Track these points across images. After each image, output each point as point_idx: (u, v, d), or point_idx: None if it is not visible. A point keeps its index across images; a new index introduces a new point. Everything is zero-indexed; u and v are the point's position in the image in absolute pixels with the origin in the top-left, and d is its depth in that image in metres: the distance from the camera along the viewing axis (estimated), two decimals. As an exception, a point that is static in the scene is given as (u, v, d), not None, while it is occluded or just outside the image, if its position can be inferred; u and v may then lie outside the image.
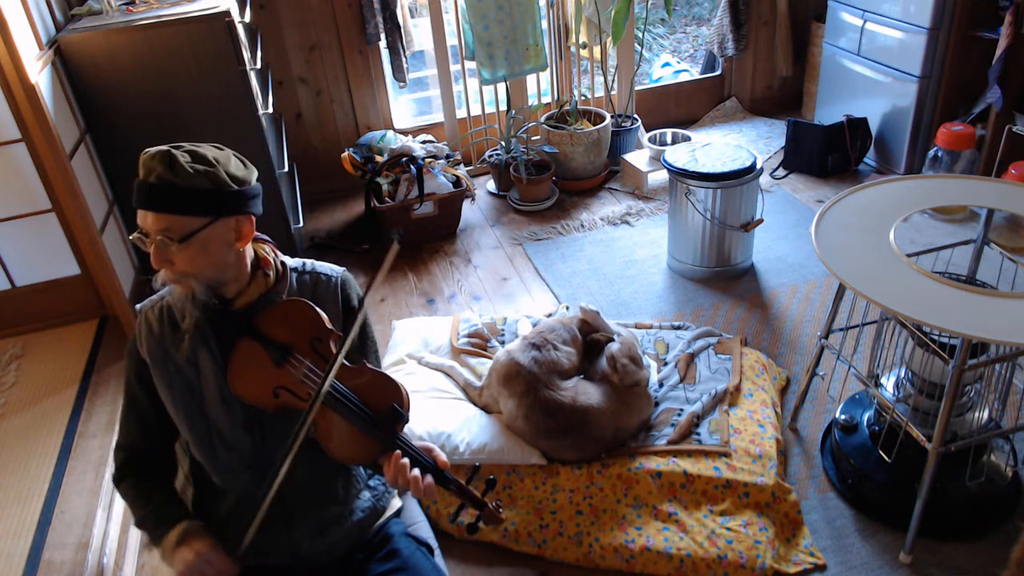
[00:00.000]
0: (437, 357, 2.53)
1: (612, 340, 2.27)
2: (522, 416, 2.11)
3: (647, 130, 4.21)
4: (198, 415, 1.36)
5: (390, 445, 1.31)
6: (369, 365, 1.41)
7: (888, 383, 2.07)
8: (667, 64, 5.12)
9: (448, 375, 2.45)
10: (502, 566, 2.01)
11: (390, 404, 1.33)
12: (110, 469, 2.07)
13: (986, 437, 1.91)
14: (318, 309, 1.36)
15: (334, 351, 1.34)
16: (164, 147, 1.25)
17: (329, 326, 1.36)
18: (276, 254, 1.42)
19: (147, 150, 1.25)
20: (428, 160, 3.53)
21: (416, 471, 1.29)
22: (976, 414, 1.94)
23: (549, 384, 2.11)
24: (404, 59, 3.80)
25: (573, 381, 2.17)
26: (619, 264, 3.25)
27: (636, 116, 4.13)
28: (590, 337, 2.30)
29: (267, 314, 1.34)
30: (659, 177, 3.81)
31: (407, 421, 1.34)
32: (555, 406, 2.08)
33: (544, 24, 3.88)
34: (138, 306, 1.41)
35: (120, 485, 1.42)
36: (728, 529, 1.96)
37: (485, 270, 3.31)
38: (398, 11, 3.69)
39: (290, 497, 1.37)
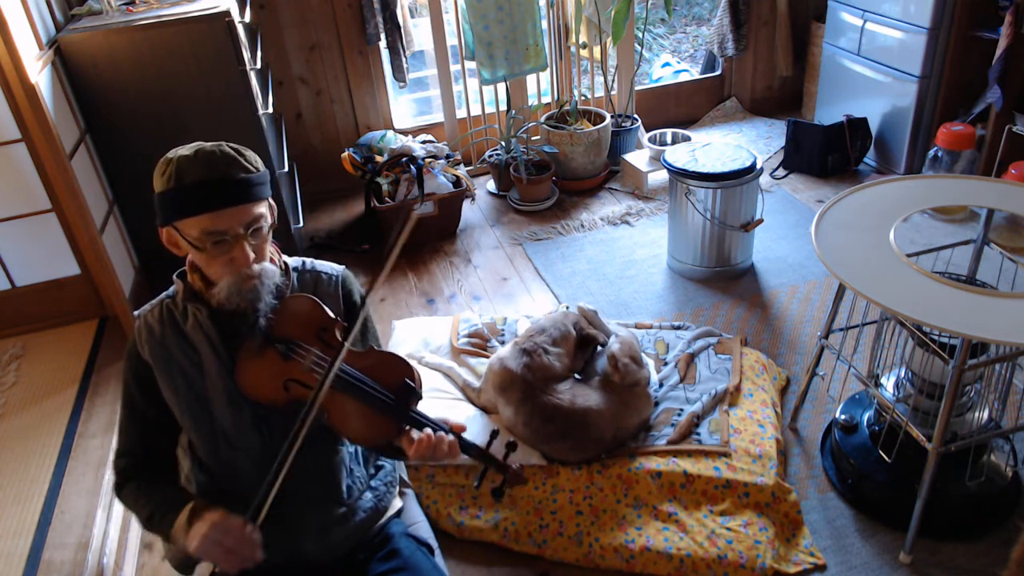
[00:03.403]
0: (437, 357, 2.53)
1: (608, 339, 2.27)
2: (522, 423, 2.11)
3: (647, 130, 4.21)
4: (204, 416, 1.35)
5: (408, 421, 1.32)
6: (375, 348, 1.41)
7: (888, 383, 2.07)
8: (667, 64, 5.12)
9: (447, 375, 2.45)
10: (502, 566, 2.01)
11: (402, 380, 1.33)
12: (111, 475, 2.07)
13: (986, 437, 1.91)
14: (319, 301, 1.37)
15: (340, 339, 1.35)
16: (204, 147, 1.24)
17: (332, 315, 1.37)
18: (279, 252, 1.43)
19: (180, 153, 1.23)
20: (428, 160, 3.53)
21: (440, 433, 1.30)
22: (976, 414, 1.94)
23: (545, 389, 2.11)
24: (404, 59, 3.80)
25: (568, 383, 2.17)
26: (619, 264, 3.25)
27: (636, 116, 4.13)
28: (584, 333, 2.29)
29: (272, 312, 1.35)
30: (659, 177, 3.81)
31: (421, 397, 1.34)
32: (553, 410, 2.08)
33: (544, 24, 3.88)
34: (136, 312, 1.40)
35: (122, 492, 1.39)
36: (728, 529, 1.96)
37: (485, 270, 3.31)
38: (398, 11, 3.69)
39: (293, 498, 1.37)
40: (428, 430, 1.31)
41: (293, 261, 1.46)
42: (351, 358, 1.34)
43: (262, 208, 1.29)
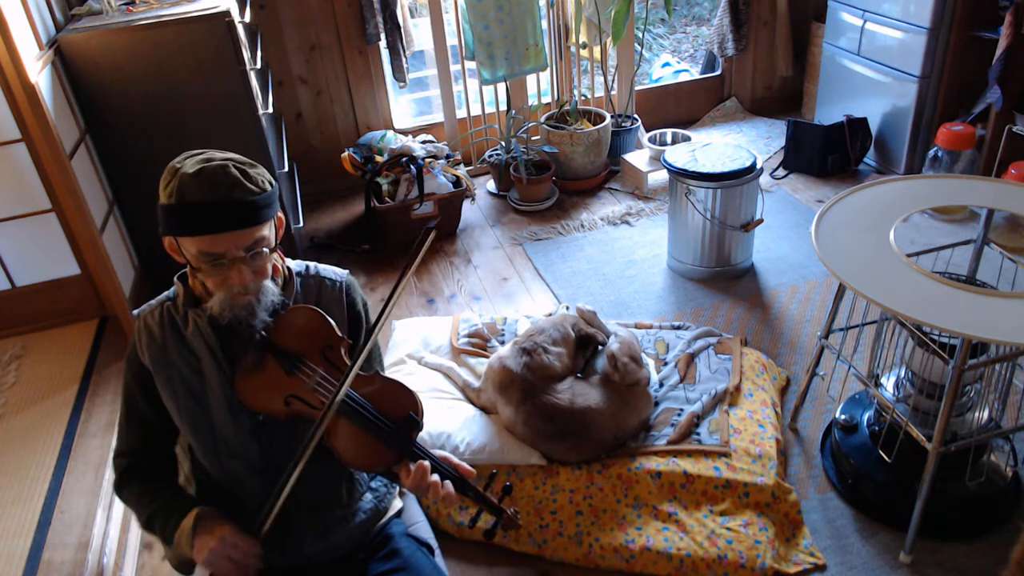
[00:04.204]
0: (437, 357, 2.53)
1: (607, 339, 2.27)
2: (521, 422, 2.11)
3: (647, 130, 4.21)
4: (203, 422, 1.34)
5: (407, 454, 1.30)
6: (383, 374, 1.39)
7: (888, 383, 2.07)
8: (667, 64, 5.12)
9: (447, 376, 2.45)
10: (502, 566, 2.01)
11: (406, 412, 1.31)
12: (110, 475, 2.07)
13: (986, 437, 1.91)
14: (327, 317, 1.35)
15: (345, 358, 1.33)
16: (209, 165, 1.20)
17: (339, 333, 1.35)
18: (283, 259, 1.41)
19: (184, 168, 1.19)
20: (428, 160, 3.53)
21: (436, 476, 1.28)
22: (976, 414, 1.94)
23: (545, 388, 2.11)
24: (404, 59, 3.80)
25: (568, 382, 2.17)
26: (619, 264, 3.25)
27: (636, 116, 4.13)
28: (583, 334, 2.29)
29: (276, 322, 1.33)
30: (659, 177, 3.81)
31: (422, 429, 1.33)
32: (553, 410, 2.08)
33: (544, 24, 3.88)
34: (135, 312, 1.38)
35: (123, 491, 1.39)
36: (728, 529, 1.96)
37: (485, 270, 3.31)
38: (398, 11, 3.69)
39: (293, 500, 1.37)
40: (427, 464, 1.28)
41: (297, 265, 1.45)
42: (358, 383, 1.32)
43: (264, 230, 1.25)
